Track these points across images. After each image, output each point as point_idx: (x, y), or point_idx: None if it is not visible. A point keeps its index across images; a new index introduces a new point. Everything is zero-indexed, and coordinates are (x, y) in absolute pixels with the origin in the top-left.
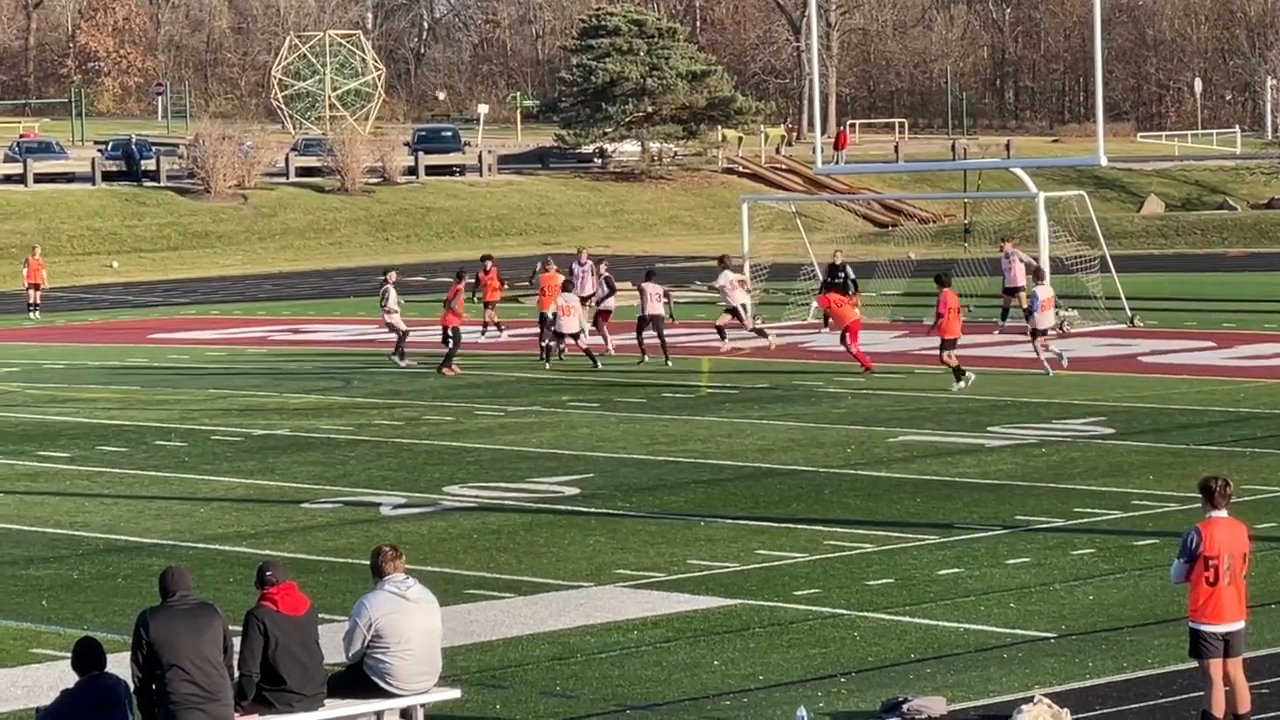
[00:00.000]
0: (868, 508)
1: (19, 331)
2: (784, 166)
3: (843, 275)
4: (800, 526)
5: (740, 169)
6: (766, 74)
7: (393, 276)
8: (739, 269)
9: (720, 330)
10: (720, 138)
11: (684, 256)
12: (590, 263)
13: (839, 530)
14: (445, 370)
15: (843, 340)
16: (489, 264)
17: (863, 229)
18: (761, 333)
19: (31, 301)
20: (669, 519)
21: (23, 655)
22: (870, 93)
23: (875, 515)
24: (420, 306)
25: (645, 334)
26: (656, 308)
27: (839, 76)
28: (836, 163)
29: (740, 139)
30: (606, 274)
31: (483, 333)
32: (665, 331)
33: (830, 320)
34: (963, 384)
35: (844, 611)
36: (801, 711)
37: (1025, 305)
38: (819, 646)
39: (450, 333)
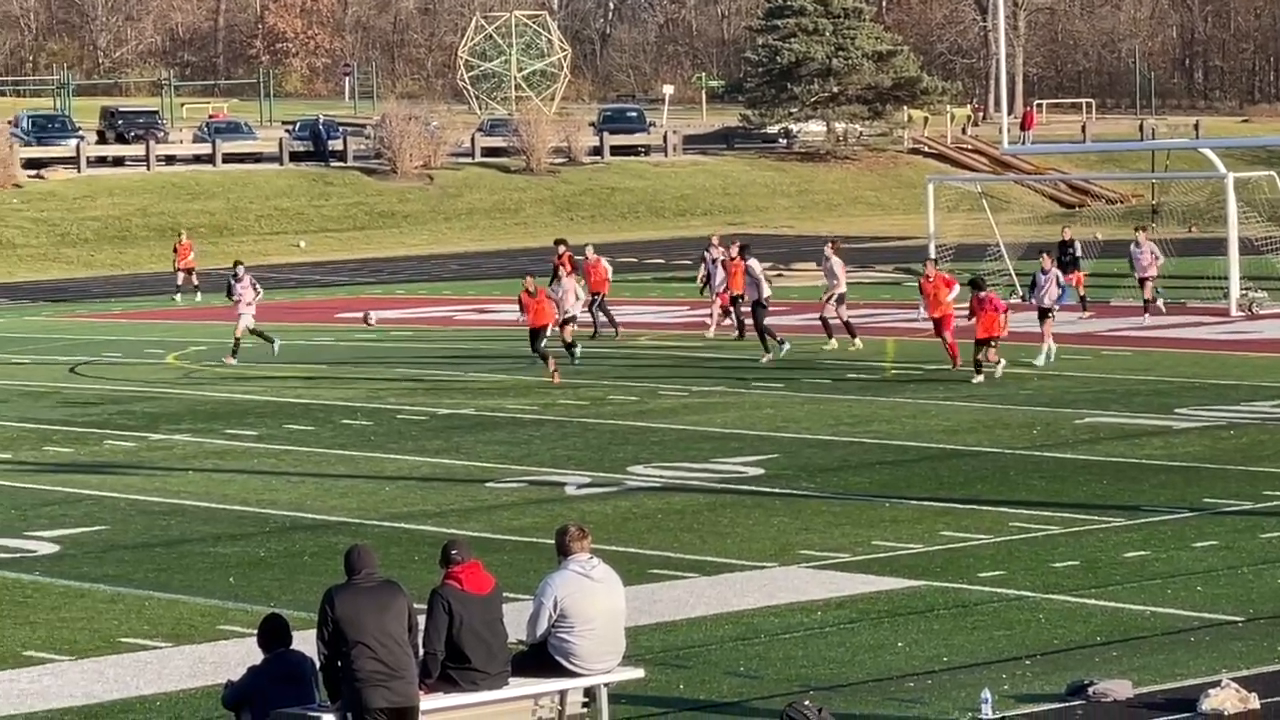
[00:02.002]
0: (1053, 489)
1: (209, 310)
2: (970, 147)
3: (1071, 251)
4: (985, 508)
5: (926, 149)
6: (953, 54)
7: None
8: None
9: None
10: (906, 118)
11: (869, 237)
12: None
13: (1024, 512)
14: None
15: (937, 329)
16: (562, 248)
17: (1049, 209)
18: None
19: (182, 284)
20: (853, 499)
21: (210, 632)
22: (1057, 72)
23: (1061, 497)
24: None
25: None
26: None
27: (1026, 56)
28: (1023, 143)
29: (926, 119)
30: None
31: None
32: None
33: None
34: (979, 378)
35: (1029, 594)
36: (986, 694)
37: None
38: (1004, 629)
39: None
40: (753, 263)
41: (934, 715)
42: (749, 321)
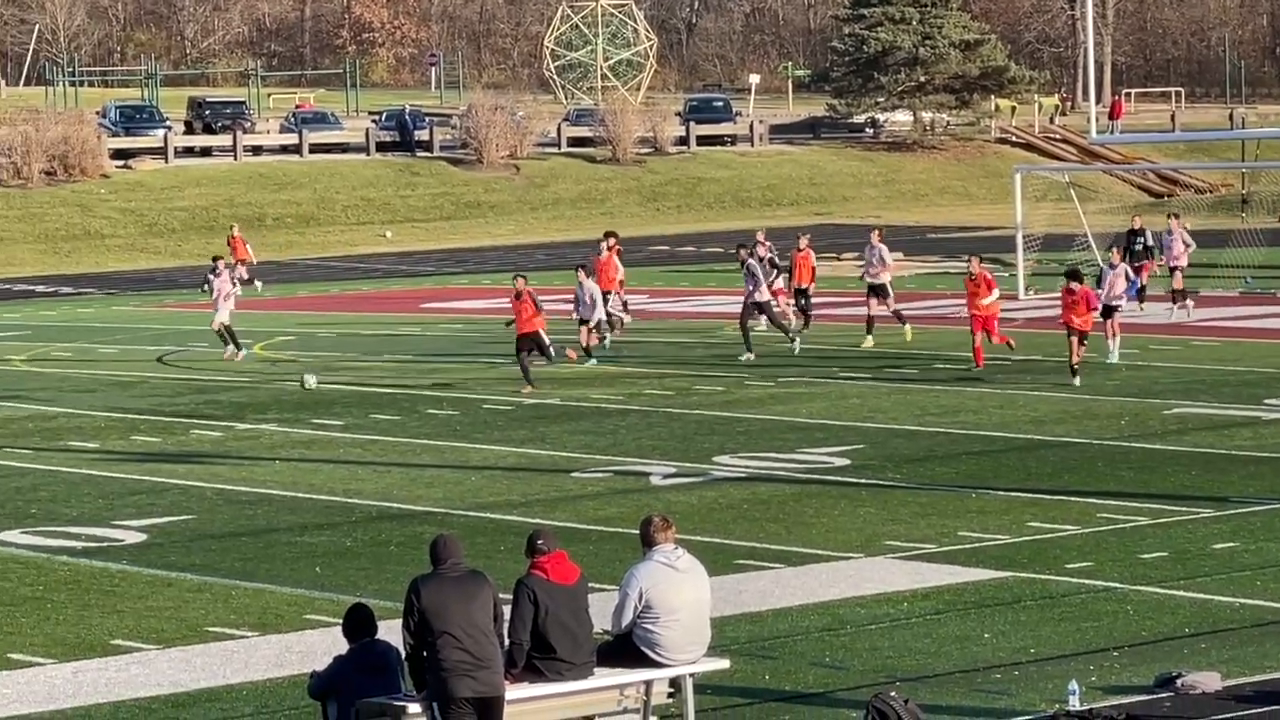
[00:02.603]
0: (1141, 480)
1: (295, 300)
2: (1058, 136)
3: (1141, 240)
4: (1073, 499)
5: (1013, 139)
6: (1040, 43)
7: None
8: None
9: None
10: (993, 107)
11: (956, 227)
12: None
13: (1112, 503)
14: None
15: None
16: (612, 240)
17: (1138, 199)
18: (899, 315)
19: (240, 277)
20: (940, 490)
21: (297, 621)
22: (1146, 61)
23: (1149, 488)
24: (691, 276)
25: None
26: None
27: (1114, 44)
28: (1111, 132)
29: (1013, 108)
30: (770, 255)
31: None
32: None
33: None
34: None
35: (1117, 585)
36: (1073, 685)
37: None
38: (1091, 620)
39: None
40: (752, 262)
41: (1021, 707)
42: (780, 309)
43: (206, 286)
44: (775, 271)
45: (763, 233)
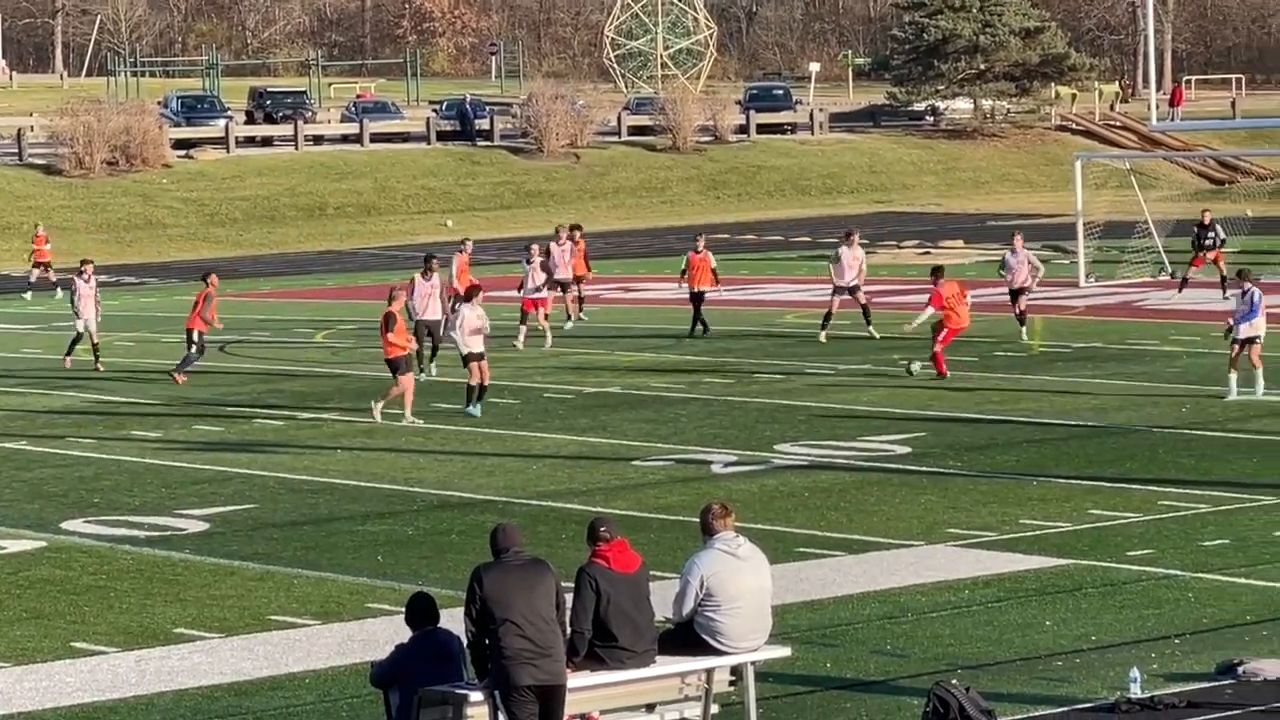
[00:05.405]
0: (1203, 468)
1: (357, 289)
2: (1118, 124)
3: (1212, 235)
4: (1134, 486)
5: (1074, 126)
6: (1101, 30)
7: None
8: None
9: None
10: (1054, 95)
11: (1016, 214)
12: (569, 244)
13: (1173, 490)
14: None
15: (935, 332)
16: (577, 234)
17: (1198, 186)
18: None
19: (33, 280)
20: (1001, 478)
21: (358, 610)
22: (1206, 48)
23: (1210, 475)
24: (750, 265)
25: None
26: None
27: (1175, 32)
28: (1172, 119)
29: (1074, 96)
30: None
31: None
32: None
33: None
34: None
35: (1178, 572)
36: (1135, 673)
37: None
38: (1152, 607)
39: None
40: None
41: (1082, 694)
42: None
43: (66, 292)
44: (546, 276)
45: (566, 230)
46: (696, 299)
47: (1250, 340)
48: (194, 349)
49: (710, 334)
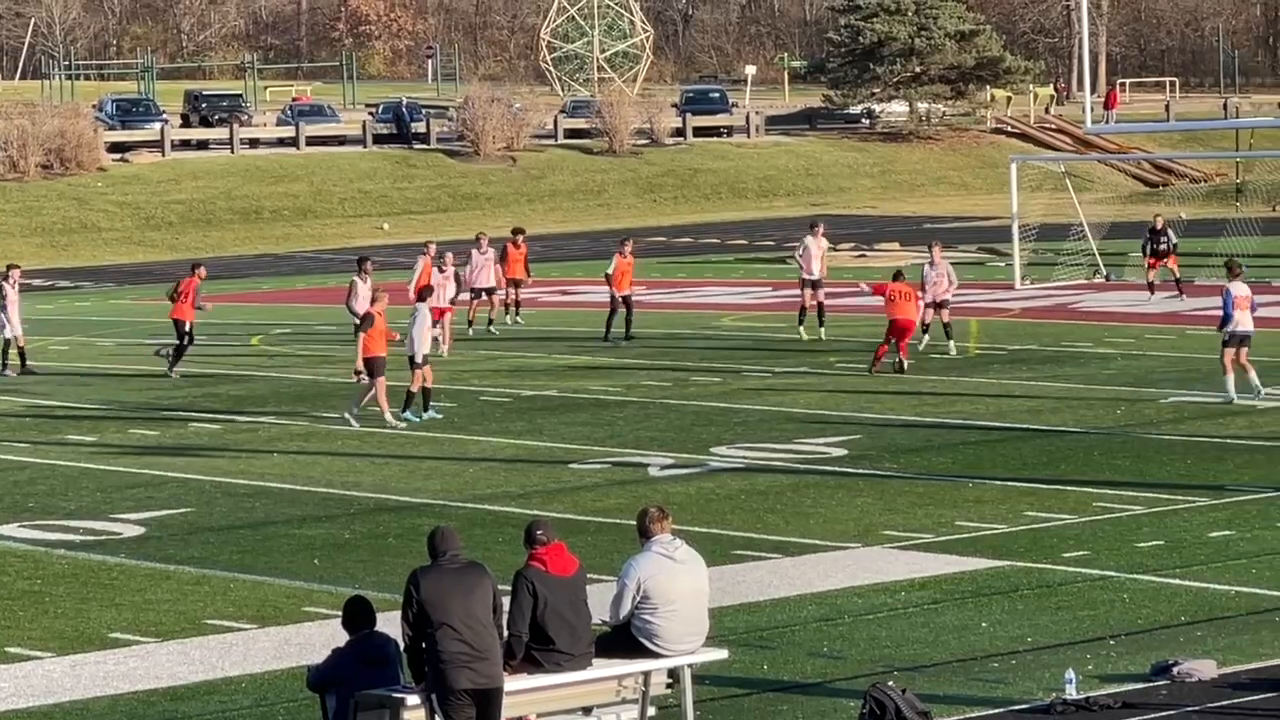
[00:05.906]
0: (1137, 469)
1: (293, 293)
2: (1053, 126)
3: (1165, 240)
4: (1069, 488)
5: (1009, 129)
6: (1035, 33)
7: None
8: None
9: None
10: (989, 97)
11: (952, 217)
12: (492, 251)
13: (1108, 492)
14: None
15: (888, 335)
16: (520, 238)
17: (1133, 189)
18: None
19: None
20: (936, 480)
21: (295, 614)
22: (1140, 51)
23: (1145, 477)
24: (688, 267)
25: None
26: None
27: (1109, 35)
28: (1106, 122)
29: (1009, 99)
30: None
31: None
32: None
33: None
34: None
35: (1113, 574)
36: (1070, 674)
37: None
38: (1088, 609)
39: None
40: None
41: (1018, 695)
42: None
43: None
44: (456, 286)
45: (486, 238)
46: (627, 302)
47: (1244, 338)
48: (186, 340)
49: (614, 339)
